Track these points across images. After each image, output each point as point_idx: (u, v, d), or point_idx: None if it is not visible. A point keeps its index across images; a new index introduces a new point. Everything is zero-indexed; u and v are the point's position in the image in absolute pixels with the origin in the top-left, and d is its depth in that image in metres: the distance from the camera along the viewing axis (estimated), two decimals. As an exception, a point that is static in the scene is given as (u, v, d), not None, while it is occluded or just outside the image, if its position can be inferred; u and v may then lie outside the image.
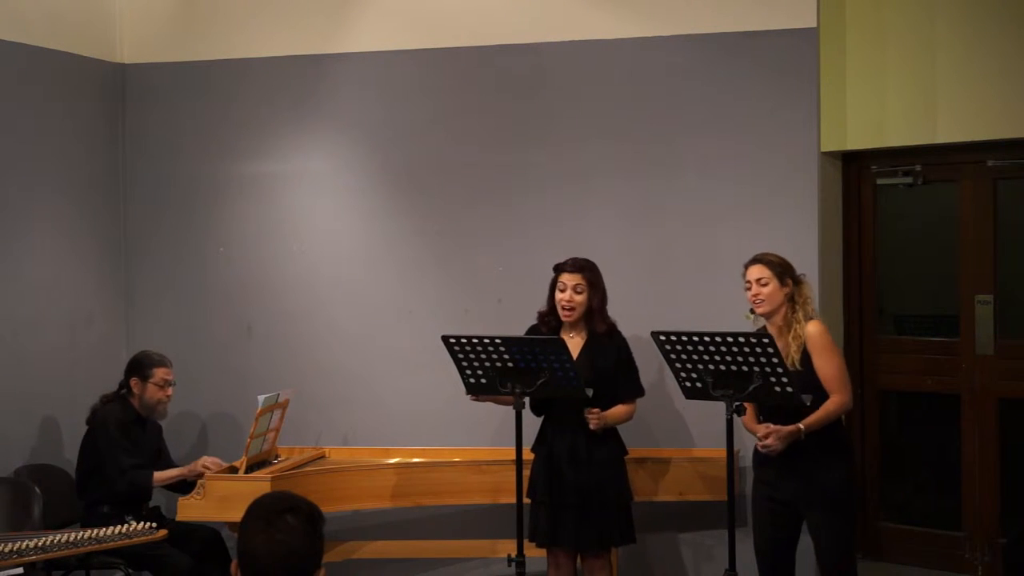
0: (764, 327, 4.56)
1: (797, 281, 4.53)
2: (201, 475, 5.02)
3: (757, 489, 4.62)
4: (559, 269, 4.84)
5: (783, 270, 4.52)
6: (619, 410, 4.82)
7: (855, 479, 4.57)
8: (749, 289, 4.53)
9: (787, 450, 4.37)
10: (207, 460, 5.14)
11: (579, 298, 4.79)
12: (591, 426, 4.71)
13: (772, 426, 4.36)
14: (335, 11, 6.00)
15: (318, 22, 6.01)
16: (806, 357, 4.41)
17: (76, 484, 5.24)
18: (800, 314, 4.47)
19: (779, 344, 4.45)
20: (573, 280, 4.79)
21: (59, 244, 5.82)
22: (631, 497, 4.89)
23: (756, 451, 4.58)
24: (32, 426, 5.56)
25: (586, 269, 4.81)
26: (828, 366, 4.42)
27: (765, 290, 4.49)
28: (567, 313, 4.80)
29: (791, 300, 4.50)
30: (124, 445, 5.14)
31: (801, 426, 4.33)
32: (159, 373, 5.31)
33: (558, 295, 4.82)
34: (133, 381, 5.28)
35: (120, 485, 5.09)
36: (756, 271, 4.52)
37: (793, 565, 4.60)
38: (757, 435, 4.43)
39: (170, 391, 5.34)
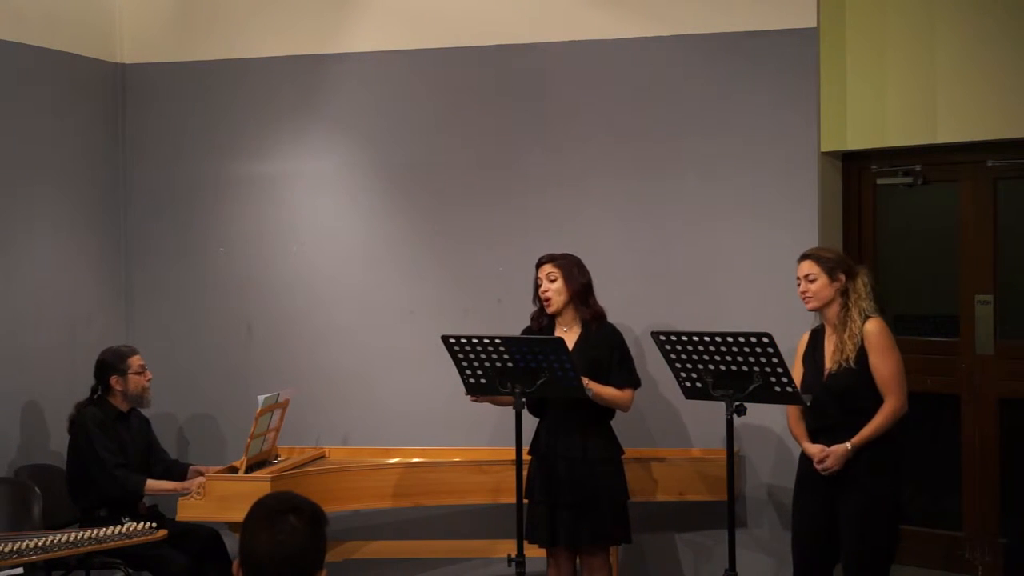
0: (821, 324, 4.55)
1: (852, 275, 4.46)
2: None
3: (798, 490, 4.58)
4: (536, 265, 4.88)
5: (834, 265, 4.45)
6: (609, 389, 4.78)
7: (899, 493, 4.41)
8: (800, 285, 4.51)
9: None
10: (203, 480, 5.00)
11: (553, 286, 4.81)
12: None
13: (826, 448, 4.36)
14: (335, 11, 6.00)
15: (318, 22, 6.01)
16: (862, 355, 4.36)
17: (69, 491, 5.21)
18: (855, 311, 4.40)
19: (833, 341, 4.44)
20: (545, 271, 4.84)
21: (59, 244, 5.82)
22: (627, 496, 4.88)
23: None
24: (32, 426, 5.56)
25: (558, 258, 4.85)
26: (885, 366, 4.35)
27: (813, 286, 4.46)
28: (546, 303, 4.83)
29: (844, 295, 4.44)
30: (106, 445, 5.12)
31: (848, 446, 4.32)
32: (134, 362, 5.30)
33: (539, 290, 4.86)
34: (113, 379, 5.26)
35: (110, 488, 5.07)
36: (805, 267, 4.49)
37: (831, 568, 4.54)
38: (811, 454, 4.40)
39: (149, 374, 5.34)
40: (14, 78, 5.56)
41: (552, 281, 4.82)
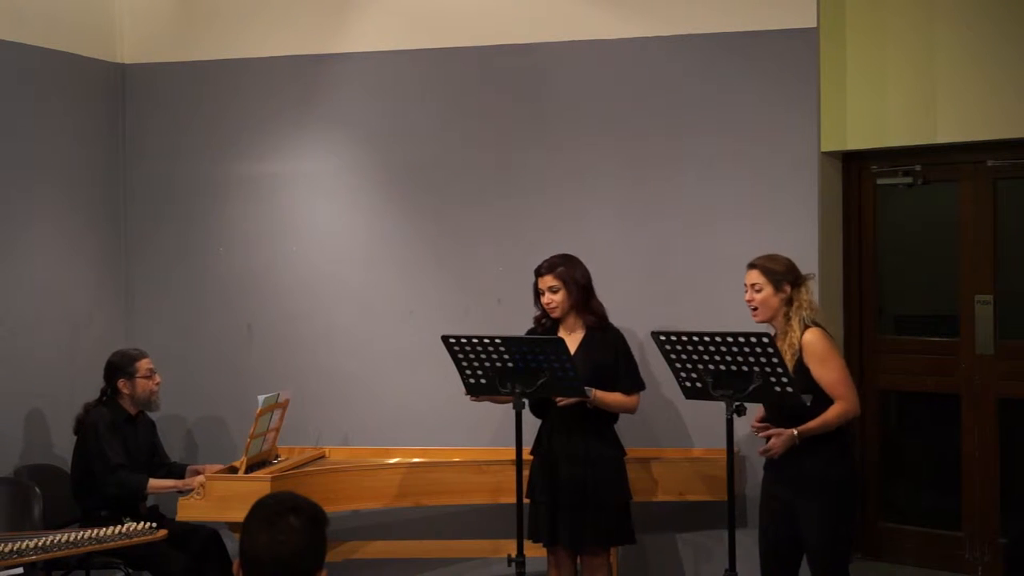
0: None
1: (797, 284, 4.41)
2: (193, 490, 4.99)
3: (763, 491, 4.59)
4: (536, 273, 4.88)
5: (780, 276, 4.40)
6: (615, 395, 4.80)
7: (852, 480, 4.42)
8: (746, 293, 4.48)
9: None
10: (203, 479, 5.02)
11: (557, 297, 4.82)
12: (588, 404, 4.72)
13: (773, 429, 4.33)
14: (335, 11, 6.00)
15: (318, 22, 6.02)
16: (802, 366, 4.31)
17: (72, 490, 5.22)
18: (795, 320, 4.35)
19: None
20: (547, 282, 4.83)
21: (59, 244, 5.82)
22: (630, 497, 4.89)
23: None
24: (32, 426, 5.56)
25: (557, 267, 4.82)
26: (828, 373, 4.31)
27: (759, 296, 4.42)
28: (551, 311, 4.85)
29: (787, 304, 4.40)
30: (112, 445, 5.12)
31: (795, 432, 4.27)
32: (142, 365, 5.31)
33: (541, 299, 4.86)
34: (121, 382, 5.26)
35: (110, 487, 5.07)
36: (751, 276, 4.46)
37: (796, 572, 4.53)
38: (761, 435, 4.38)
39: (158, 378, 5.35)
40: (14, 78, 5.56)
41: (554, 292, 4.82)
